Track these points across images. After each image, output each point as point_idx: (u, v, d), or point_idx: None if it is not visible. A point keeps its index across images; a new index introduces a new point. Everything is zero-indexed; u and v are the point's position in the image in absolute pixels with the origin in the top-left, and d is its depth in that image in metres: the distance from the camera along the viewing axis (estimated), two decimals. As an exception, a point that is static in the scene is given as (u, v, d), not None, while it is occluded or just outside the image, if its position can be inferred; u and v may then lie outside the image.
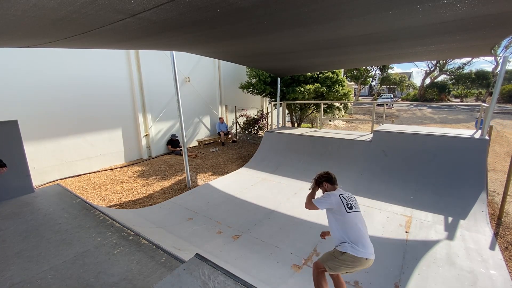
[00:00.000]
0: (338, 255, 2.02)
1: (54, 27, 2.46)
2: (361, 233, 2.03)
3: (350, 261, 1.98)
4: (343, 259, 1.99)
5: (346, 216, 2.03)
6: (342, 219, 2.05)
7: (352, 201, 2.13)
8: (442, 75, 35.77)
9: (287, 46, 4.01)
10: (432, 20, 2.67)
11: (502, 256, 3.05)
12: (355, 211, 2.08)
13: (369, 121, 8.39)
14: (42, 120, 5.76)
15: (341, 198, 2.10)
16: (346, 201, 2.10)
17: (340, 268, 2.03)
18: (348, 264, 1.99)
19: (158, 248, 2.29)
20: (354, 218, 2.05)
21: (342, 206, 2.07)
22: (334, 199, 2.10)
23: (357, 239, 2.00)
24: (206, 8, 2.16)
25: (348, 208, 2.06)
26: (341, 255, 2.00)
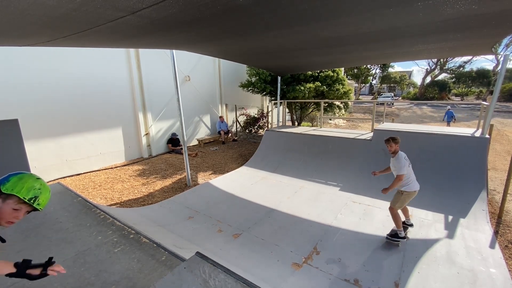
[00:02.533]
0: (400, 196, 3.23)
1: (54, 25, 2.45)
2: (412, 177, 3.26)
3: (407, 196, 3.20)
4: (403, 197, 3.21)
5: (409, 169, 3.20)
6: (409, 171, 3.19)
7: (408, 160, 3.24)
8: (443, 73, 35.72)
9: (287, 45, 4.00)
10: (433, 18, 2.66)
11: (502, 255, 3.06)
12: (411, 164, 3.25)
13: (369, 120, 8.38)
14: (43, 119, 5.76)
15: (406, 159, 3.19)
16: (408, 160, 3.21)
17: (404, 203, 3.26)
18: (406, 198, 3.21)
19: (158, 247, 2.30)
20: (411, 170, 3.24)
21: (410, 163, 3.22)
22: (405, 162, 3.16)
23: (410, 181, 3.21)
24: (205, 5, 2.15)
25: (409, 164, 3.22)
26: (401, 196, 3.22)
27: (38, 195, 1.19)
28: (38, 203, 1.19)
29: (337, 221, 3.94)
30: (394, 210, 3.27)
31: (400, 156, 3.18)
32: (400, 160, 3.14)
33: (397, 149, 3.23)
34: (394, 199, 3.29)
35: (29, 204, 1.16)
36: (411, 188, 3.19)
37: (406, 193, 3.19)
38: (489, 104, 4.93)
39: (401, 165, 3.10)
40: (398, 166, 3.14)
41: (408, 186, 3.18)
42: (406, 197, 3.20)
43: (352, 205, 4.47)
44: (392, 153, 3.25)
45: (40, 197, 1.20)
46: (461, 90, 36.11)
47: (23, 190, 1.14)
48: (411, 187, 3.20)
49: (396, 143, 3.22)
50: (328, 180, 5.57)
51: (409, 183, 3.19)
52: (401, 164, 3.11)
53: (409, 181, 3.19)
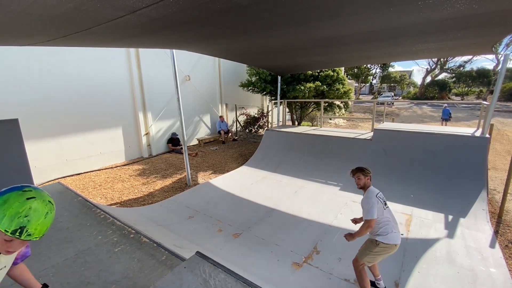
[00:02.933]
0: (373, 248, 2.31)
1: (54, 24, 2.45)
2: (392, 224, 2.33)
3: (384, 249, 2.28)
4: (377, 250, 2.29)
5: (382, 213, 2.31)
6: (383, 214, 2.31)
7: (383, 198, 2.40)
8: (443, 73, 35.67)
9: (287, 44, 3.99)
10: (433, 17, 2.66)
11: (502, 254, 3.06)
12: (388, 207, 2.38)
13: (369, 120, 8.38)
14: (43, 119, 5.76)
15: (378, 198, 2.34)
16: (381, 199, 2.37)
17: (377, 258, 2.35)
18: (382, 252, 2.30)
19: (159, 246, 2.30)
20: (389, 214, 2.36)
21: (381, 206, 2.33)
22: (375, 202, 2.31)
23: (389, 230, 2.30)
24: (205, 5, 2.15)
25: (384, 204, 2.36)
26: (376, 247, 2.29)
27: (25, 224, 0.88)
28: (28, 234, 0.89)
29: (337, 221, 3.94)
30: (359, 265, 2.38)
31: (370, 193, 2.35)
32: (369, 199, 2.30)
33: (368, 183, 2.45)
34: (363, 249, 2.41)
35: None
36: (389, 240, 2.25)
37: (382, 246, 2.26)
38: (489, 103, 4.92)
39: (369, 205, 2.26)
40: (365, 206, 2.31)
41: (385, 237, 2.26)
42: (382, 251, 2.28)
43: (352, 204, 4.47)
44: (361, 188, 2.49)
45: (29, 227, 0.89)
46: (462, 90, 36.08)
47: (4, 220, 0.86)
48: (389, 238, 2.25)
49: (365, 175, 2.46)
50: (328, 180, 5.57)
51: (387, 232, 2.26)
52: (369, 204, 2.27)
53: (387, 230, 2.27)
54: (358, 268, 2.40)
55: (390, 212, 2.38)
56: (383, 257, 2.35)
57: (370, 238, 2.40)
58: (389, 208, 2.40)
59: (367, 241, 2.44)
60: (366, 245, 2.42)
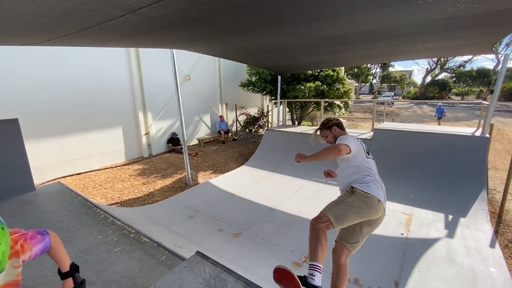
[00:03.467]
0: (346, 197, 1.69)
1: (54, 24, 2.45)
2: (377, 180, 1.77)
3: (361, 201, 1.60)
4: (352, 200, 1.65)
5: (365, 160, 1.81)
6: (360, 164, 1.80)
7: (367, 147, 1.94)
8: (443, 73, 35.67)
9: (287, 44, 3.99)
10: (433, 17, 2.65)
11: (502, 254, 3.05)
12: (372, 158, 1.88)
13: (369, 119, 8.38)
14: (43, 119, 5.76)
15: (359, 140, 1.87)
16: (364, 145, 1.90)
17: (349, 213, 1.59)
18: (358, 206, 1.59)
19: (159, 246, 2.30)
20: (372, 165, 1.85)
21: (362, 149, 1.83)
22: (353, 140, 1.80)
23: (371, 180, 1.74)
24: (205, 4, 2.15)
25: (367, 153, 1.86)
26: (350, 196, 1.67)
27: None
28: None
29: (337, 221, 3.94)
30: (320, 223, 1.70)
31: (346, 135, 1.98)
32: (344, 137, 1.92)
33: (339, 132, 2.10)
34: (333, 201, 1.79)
35: None
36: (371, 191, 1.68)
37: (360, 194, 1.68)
38: (489, 103, 4.92)
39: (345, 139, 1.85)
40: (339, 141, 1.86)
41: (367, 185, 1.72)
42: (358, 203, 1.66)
43: (352, 204, 4.47)
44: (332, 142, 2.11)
45: None
46: (462, 90, 36.08)
47: None
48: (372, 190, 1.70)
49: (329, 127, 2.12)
50: (328, 180, 5.57)
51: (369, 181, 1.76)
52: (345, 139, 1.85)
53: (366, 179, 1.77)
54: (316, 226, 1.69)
55: (374, 165, 1.89)
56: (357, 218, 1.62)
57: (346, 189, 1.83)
58: (373, 161, 1.90)
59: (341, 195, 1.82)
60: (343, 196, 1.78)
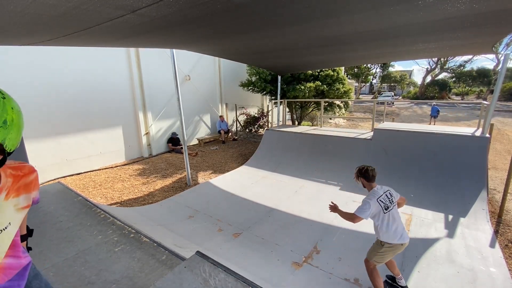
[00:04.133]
0: (379, 249, 2.35)
1: (54, 24, 2.45)
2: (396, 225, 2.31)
3: (389, 249, 2.32)
4: (383, 250, 2.33)
5: (384, 216, 2.31)
6: (380, 222, 2.33)
7: (388, 201, 2.33)
8: (443, 73, 35.66)
9: (287, 44, 3.99)
10: (433, 17, 2.65)
11: (502, 254, 3.06)
12: (390, 210, 2.32)
13: (369, 119, 8.38)
14: (43, 119, 5.76)
15: (378, 202, 2.27)
16: (383, 203, 2.29)
17: (385, 257, 2.36)
18: (389, 252, 2.33)
19: (159, 246, 2.30)
20: (389, 216, 2.31)
21: (381, 209, 2.29)
22: (373, 206, 2.27)
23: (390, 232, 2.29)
24: (205, 4, 2.15)
25: (385, 209, 2.30)
26: (382, 248, 2.33)
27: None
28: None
29: (337, 221, 3.94)
30: (370, 264, 2.39)
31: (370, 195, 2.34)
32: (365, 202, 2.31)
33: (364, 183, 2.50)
34: (371, 249, 2.46)
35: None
36: (394, 241, 2.27)
37: (387, 246, 2.30)
38: (489, 103, 4.92)
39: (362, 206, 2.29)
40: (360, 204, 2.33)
41: (387, 236, 2.28)
42: (388, 251, 2.31)
43: (353, 204, 4.47)
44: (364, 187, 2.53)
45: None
46: (462, 90, 36.07)
47: None
48: (395, 239, 2.27)
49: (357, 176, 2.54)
50: (328, 180, 5.57)
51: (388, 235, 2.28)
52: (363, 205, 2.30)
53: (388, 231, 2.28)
54: (369, 268, 2.43)
55: (393, 214, 2.31)
56: (391, 255, 2.38)
57: (376, 238, 2.46)
58: (394, 209, 2.34)
59: (374, 242, 2.48)
60: (373, 245, 2.47)
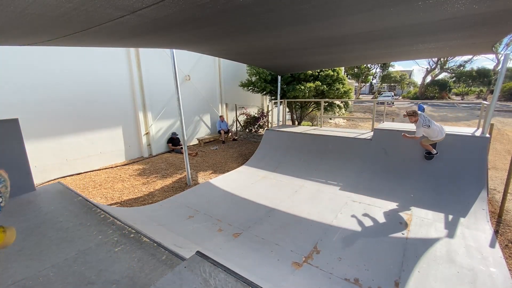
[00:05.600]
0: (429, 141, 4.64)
1: (54, 24, 2.45)
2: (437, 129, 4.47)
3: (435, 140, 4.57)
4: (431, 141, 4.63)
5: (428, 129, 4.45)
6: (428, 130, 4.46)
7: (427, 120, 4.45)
8: (443, 73, 35.65)
9: (287, 44, 3.99)
10: (433, 17, 2.66)
11: (502, 254, 3.06)
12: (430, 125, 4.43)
13: (369, 119, 8.38)
14: (43, 119, 5.76)
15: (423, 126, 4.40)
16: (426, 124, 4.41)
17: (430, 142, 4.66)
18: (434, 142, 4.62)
19: (159, 246, 2.30)
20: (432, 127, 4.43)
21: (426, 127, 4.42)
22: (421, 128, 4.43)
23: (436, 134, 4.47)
24: (206, 5, 2.15)
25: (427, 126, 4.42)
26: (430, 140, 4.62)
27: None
28: None
29: (337, 220, 3.95)
30: (424, 144, 4.73)
31: (418, 124, 4.42)
32: (417, 128, 4.45)
33: (416, 119, 4.43)
34: (426, 140, 4.65)
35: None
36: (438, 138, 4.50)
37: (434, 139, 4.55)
38: (489, 103, 4.92)
39: (416, 130, 4.46)
40: (415, 130, 4.50)
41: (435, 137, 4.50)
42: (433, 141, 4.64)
43: (352, 204, 4.47)
44: (413, 122, 4.52)
45: None
46: (462, 89, 36.07)
47: None
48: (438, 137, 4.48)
49: (414, 116, 4.45)
50: (328, 179, 5.57)
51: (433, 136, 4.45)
52: (416, 130, 4.46)
53: (433, 135, 4.44)
54: (424, 145, 4.76)
55: (434, 125, 4.43)
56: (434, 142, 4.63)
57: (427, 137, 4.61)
58: (433, 123, 4.46)
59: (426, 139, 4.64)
60: (426, 140, 4.64)
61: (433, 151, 4.72)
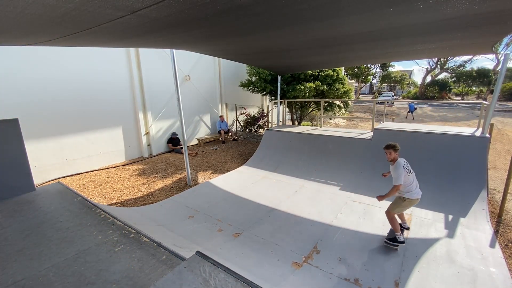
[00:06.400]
0: (401, 203, 3.17)
1: (54, 24, 2.45)
2: (415, 184, 3.15)
3: (408, 203, 3.14)
4: (404, 204, 3.15)
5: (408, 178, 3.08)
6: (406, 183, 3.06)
7: (409, 166, 3.16)
8: (443, 73, 35.65)
9: (287, 44, 3.99)
10: (433, 17, 2.65)
11: (502, 254, 3.06)
12: (411, 173, 3.14)
13: (369, 119, 8.38)
14: (43, 119, 5.76)
15: (404, 168, 3.05)
16: (407, 169, 3.10)
17: (403, 209, 3.23)
18: (407, 205, 3.16)
19: (159, 246, 2.30)
20: (412, 178, 3.13)
21: (406, 173, 3.06)
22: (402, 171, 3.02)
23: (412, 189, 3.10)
24: (206, 5, 2.15)
25: (408, 172, 3.09)
26: (403, 202, 3.15)
27: None
28: None
29: (337, 220, 3.95)
30: (391, 214, 3.22)
31: (398, 164, 3.04)
32: (397, 169, 3.01)
33: (396, 157, 3.11)
34: (393, 204, 3.24)
35: None
36: (413, 196, 3.09)
37: (408, 200, 3.11)
38: (489, 103, 4.92)
39: (398, 174, 2.98)
40: (395, 175, 3.01)
41: (410, 194, 3.08)
42: (407, 204, 3.14)
43: (352, 204, 4.47)
44: (391, 161, 3.13)
45: None
46: (462, 89, 36.08)
47: None
48: (413, 195, 3.09)
49: (396, 150, 3.10)
50: (328, 180, 5.57)
51: (411, 190, 3.08)
52: (398, 172, 2.99)
53: (411, 189, 3.08)
54: (390, 216, 3.21)
55: (413, 176, 3.14)
56: (407, 208, 3.23)
57: (398, 196, 3.21)
58: (413, 173, 3.15)
59: (396, 198, 3.26)
60: (395, 201, 3.25)
61: (400, 237, 3.14)
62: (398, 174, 2.98)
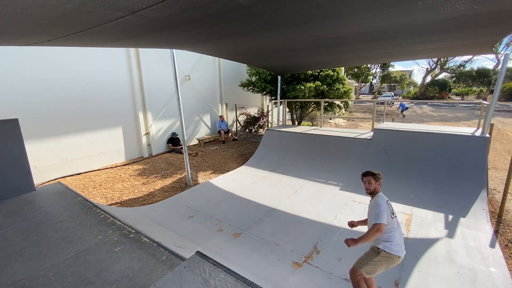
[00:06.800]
0: (374, 257, 2.14)
1: (54, 24, 2.45)
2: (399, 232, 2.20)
3: (384, 259, 2.11)
4: (378, 259, 2.12)
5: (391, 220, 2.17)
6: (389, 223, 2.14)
7: (392, 207, 2.25)
8: (443, 73, 35.64)
9: (287, 44, 3.99)
10: (433, 18, 2.65)
11: (502, 254, 3.06)
12: (395, 217, 2.23)
13: (369, 119, 8.38)
14: (43, 119, 5.76)
15: (388, 204, 2.21)
16: (390, 208, 2.22)
17: (376, 269, 2.15)
18: (383, 262, 2.12)
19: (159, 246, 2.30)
20: (395, 221, 2.20)
21: (389, 213, 2.17)
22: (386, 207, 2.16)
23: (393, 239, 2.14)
24: (206, 5, 2.15)
25: (392, 214, 2.20)
26: (377, 256, 2.12)
27: None
28: None
29: (337, 221, 3.95)
30: (357, 275, 2.20)
31: (380, 198, 2.21)
32: (379, 205, 2.14)
33: (378, 189, 2.27)
34: (362, 258, 2.24)
35: None
36: (392, 249, 2.09)
37: (384, 255, 2.09)
38: (489, 103, 4.92)
39: (380, 210, 2.10)
40: (374, 211, 2.13)
41: (390, 245, 2.10)
42: (383, 261, 2.11)
43: (353, 204, 4.47)
44: (370, 193, 2.28)
45: None
46: (462, 89, 36.05)
47: None
48: (393, 247, 2.10)
49: (377, 180, 2.26)
50: (328, 180, 5.58)
51: (391, 240, 2.12)
52: (379, 208, 2.11)
53: (392, 238, 2.12)
54: (355, 278, 2.21)
55: (397, 222, 2.21)
56: (383, 269, 2.14)
57: (372, 246, 2.20)
58: (397, 218, 2.22)
59: (368, 250, 2.24)
60: (366, 253, 2.23)
61: None
62: (380, 210, 2.10)
